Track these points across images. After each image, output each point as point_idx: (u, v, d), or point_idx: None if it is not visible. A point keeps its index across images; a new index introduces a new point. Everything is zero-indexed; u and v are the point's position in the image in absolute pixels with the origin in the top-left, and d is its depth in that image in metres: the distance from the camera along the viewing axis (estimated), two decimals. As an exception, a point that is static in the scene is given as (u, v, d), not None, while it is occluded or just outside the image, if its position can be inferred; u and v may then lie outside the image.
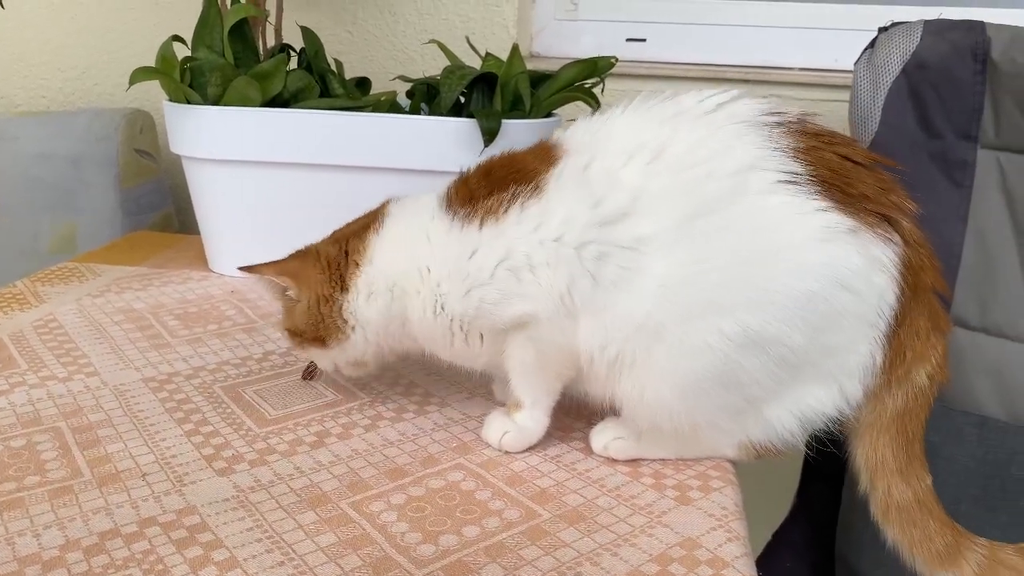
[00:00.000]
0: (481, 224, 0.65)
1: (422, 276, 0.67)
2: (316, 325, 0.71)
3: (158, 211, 1.39)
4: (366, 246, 0.70)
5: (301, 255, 0.73)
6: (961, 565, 0.65)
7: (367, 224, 0.72)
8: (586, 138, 0.67)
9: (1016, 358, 1.02)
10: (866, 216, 0.60)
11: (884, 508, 0.67)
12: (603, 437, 0.69)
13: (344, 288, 0.70)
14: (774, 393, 0.63)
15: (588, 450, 0.69)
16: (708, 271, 0.60)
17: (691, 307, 0.60)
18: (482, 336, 0.67)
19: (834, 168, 0.61)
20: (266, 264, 0.73)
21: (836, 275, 0.59)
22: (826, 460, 1.15)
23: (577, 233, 0.62)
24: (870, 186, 0.62)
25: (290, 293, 0.72)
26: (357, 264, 0.70)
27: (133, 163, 1.33)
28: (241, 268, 0.74)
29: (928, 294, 0.64)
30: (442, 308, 0.66)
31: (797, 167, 0.60)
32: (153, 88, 1.20)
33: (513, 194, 0.64)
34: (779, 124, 0.62)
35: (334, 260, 0.71)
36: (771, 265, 0.60)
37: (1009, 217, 1.02)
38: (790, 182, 0.60)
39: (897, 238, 0.61)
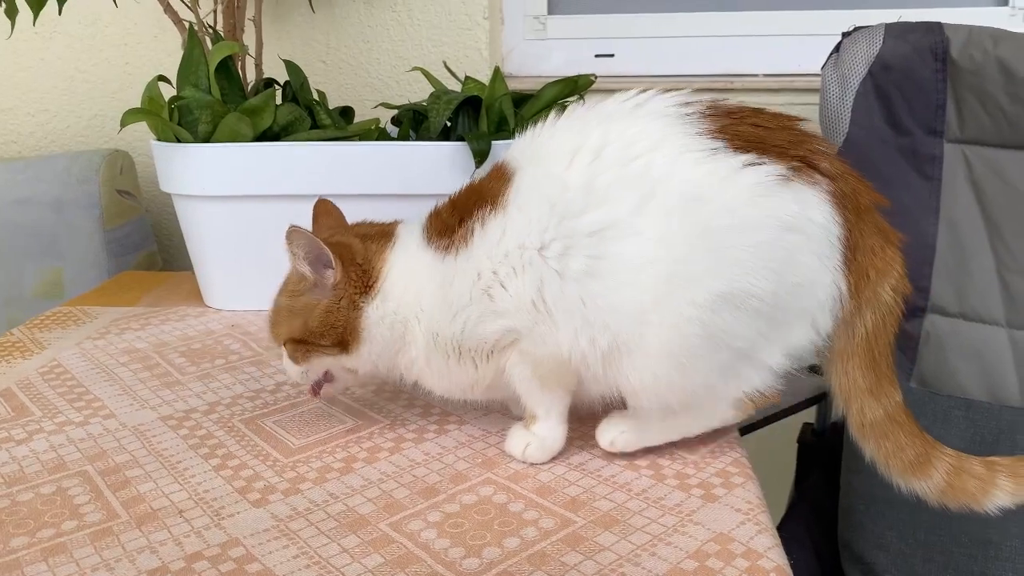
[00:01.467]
0: (456, 253, 0.68)
1: (419, 306, 0.70)
2: (336, 328, 0.71)
3: (142, 251, 1.38)
4: (384, 260, 0.72)
5: (342, 246, 0.71)
6: (931, 473, 0.69)
7: (384, 238, 0.73)
8: (528, 151, 0.70)
9: (994, 341, 1.07)
10: (788, 161, 0.65)
11: (859, 426, 0.71)
12: (609, 433, 0.72)
13: (367, 294, 0.71)
14: (760, 341, 0.67)
15: (610, 456, 0.72)
16: (667, 248, 0.64)
17: (662, 286, 0.64)
18: (476, 363, 0.69)
19: (750, 137, 0.66)
20: (320, 239, 0.70)
21: (779, 221, 0.64)
22: (820, 449, 1.20)
23: (538, 235, 0.66)
24: (784, 141, 0.66)
25: (328, 276, 0.71)
26: (378, 277, 0.71)
27: (115, 204, 1.33)
28: (293, 227, 0.70)
29: (871, 213, 0.68)
30: (436, 335, 0.69)
31: (718, 143, 0.65)
32: (129, 127, 1.20)
33: (476, 217, 0.68)
34: (694, 112, 0.67)
35: (364, 262, 0.71)
36: (720, 230, 0.63)
37: (978, 207, 1.07)
38: (716, 155, 0.64)
39: (820, 177, 0.66)
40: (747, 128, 0.66)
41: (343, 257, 0.71)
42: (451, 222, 0.70)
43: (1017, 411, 1.04)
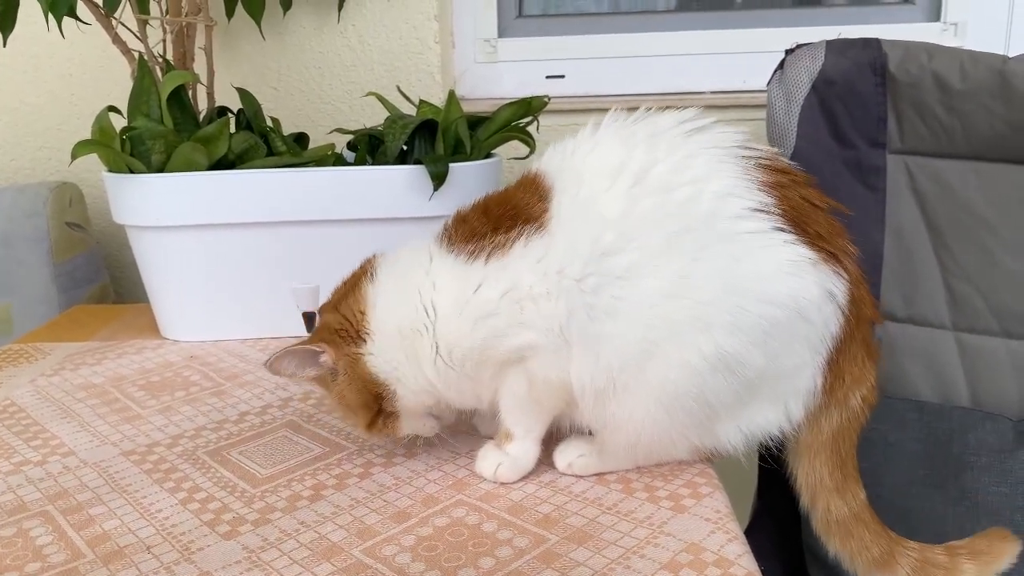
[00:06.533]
0: (487, 259, 0.67)
1: (427, 315, 0.68)
2: (363, 392, 0.70)
3: (93, 284, 1.35)
4: (363, 295, 0.71)
5: (317, 332, 0.72)
6: (896, 569, 0.71)
7: (357, 280, 0.73)
8: (567, 164, 0.69)
9: (941, 344, 1.10)
10: (822, 252, 0.66)
11: (825, 524, 0.73)
12: (567, 456, 0.73)
13: (361, 339, 0.70)
14: (730, 409, 0.68)
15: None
16: (692, 288, 0.64)
17: (678, 322, 0.64)
18: (483, 375, 0.69)
19: (797, 207, 0.67)
20: (292, 347, 0.70)
21: (797, 305, 0.65)
22: (782, 466, 1.21)
23: (579, 267, 0.65)
24: (824, 227, 0.68)
25: (324, 360, 0.71)
26: (362, 313, 0.70)
27: (65, 237, 1.30)
28: (267, 365, 0.70)
29: (866, 326, 0.71)
30: (449, 344, 0.68)
31: (767, 199, 0.66)
32: (78, 159, 1.19)
33: (519, 231, 0.67)
34: (753, 157, 0.67)
35: (342, 321, 0.71)
36: (746, 292, 0.64)
37: (921, 215, 1.10)
38: (761, 211, 0.65)
39: (845, 274, 0.68)
40: (796, 197, 0.67)
41: (323, 339, 0.71)
42: (481, 228, 0.68)
43: (967, 411, 1.07)
